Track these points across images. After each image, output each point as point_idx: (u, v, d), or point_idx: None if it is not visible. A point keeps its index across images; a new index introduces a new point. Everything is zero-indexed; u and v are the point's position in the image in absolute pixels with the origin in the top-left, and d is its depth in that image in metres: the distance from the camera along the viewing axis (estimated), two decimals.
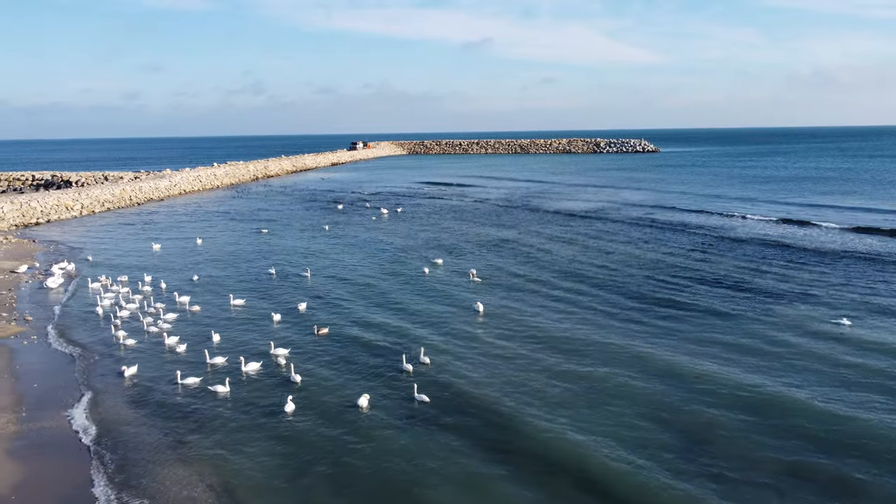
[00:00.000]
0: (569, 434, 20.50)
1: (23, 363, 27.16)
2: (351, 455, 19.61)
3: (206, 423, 21.64)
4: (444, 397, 23.52)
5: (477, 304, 33.72)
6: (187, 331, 31.33)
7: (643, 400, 22.85)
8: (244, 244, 55.17)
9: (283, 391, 24.08)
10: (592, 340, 28.85)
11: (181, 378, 25.09)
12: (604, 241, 53.91)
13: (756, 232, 57.40)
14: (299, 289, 39.20)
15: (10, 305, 35.98)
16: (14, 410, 22.42)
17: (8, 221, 67.69)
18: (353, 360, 27.44)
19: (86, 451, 19.86)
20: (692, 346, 27.98)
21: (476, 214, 72.61)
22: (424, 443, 20.25)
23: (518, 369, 25.86)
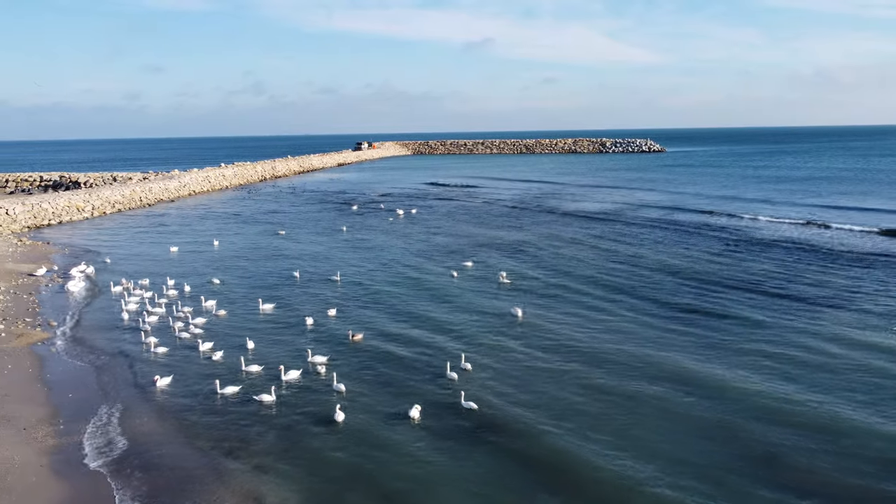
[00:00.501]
0: (616, 454, 19.64)
1: (53, 372, 26.34)
2: (410, 472, 18.77)
3: (252, 436, 20.81)
4: (492, 405, 22.71)
5: (515, 309, 32.87)
6: (217, 336, 30.52)
7: (689, 418, 21.63)
8: (262, 246, 54.35)
9: (327, 400, 23.28)
10: (631, 352, 27.75)
11: (221, 387, 24.26)
12: (627, 243, 53.07)
13: (781, 234, 56.57)
14: (326, 293, 38.38)
15: (32, 310, 35.17)
16: (51, 423, 21.60)
17: (20, 223, 66.91)
18: (392, 366, 26.64)
19: (128, 467, 19.01)
20: (735, 359, 26.66)
21: (492, 216, 71.80)
22: (478, 459, 19.37)
23: (561, 380, 24.95)
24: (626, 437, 20.33)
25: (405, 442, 20.37)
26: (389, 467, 18.97)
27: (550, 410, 22.38)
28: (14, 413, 22.08)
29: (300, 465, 19.05)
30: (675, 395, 23.31)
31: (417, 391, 24.18)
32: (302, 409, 22.81)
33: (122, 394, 24.29)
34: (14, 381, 25.06)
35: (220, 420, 22.02)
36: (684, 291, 37.19)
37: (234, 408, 22.97)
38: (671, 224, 62.99)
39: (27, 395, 23.78)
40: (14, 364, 26.80)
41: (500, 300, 35.98)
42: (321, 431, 21.05)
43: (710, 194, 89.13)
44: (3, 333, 30.76)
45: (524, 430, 20.96)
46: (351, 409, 22.31)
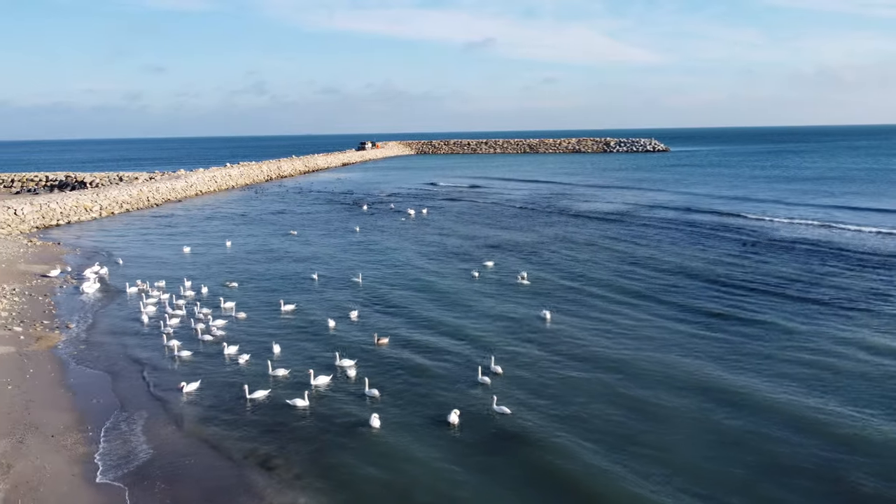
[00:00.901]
0: (645, 469, 19.04)
1: (76, 376, 25.74)
2: (449, 486, 18.17)
3: (287, 444, 20.20)
4: (524, 411, 22.12)
5: (544, 311, 32.25)
6: (240, 340, 29.92)
7: (718, 430, 20.68)
8: (275, 247, 53.73)
9: (360, 406, 22.71)
10: (659, 360, 26.93)
11: (249, 392, 23.65)
12: (643, 245, 52.44)
13: (798, 235, 55.96)
14: (346, 295, 37.78)
15: (49, 312, 34.57)
16: (79, 429, 21.00)
17: (29, 223, 66.32)
18: (421, 370, 26.05)
19: (159, 477, 18.40)
20: (762, 366, 25.61)
21: (504, 216, 71.18)
22: (514, 473, 18.71)
23: (591, 386, 24.31)
24: (656, 450, 19.51)
25: (443, 451, 19.76)
26: (430, 479, 18.36)
27: (580, 419, 21.61)
28: (40, 419, 21.48)
29: (339, 476, 18.44)
30: (703, 405, 22.41)
31: (450, 395, 23.60)
32: (335, 414, 22.21)
33: (148, 400, 23.68)
34: (37, 385, 24.46)
35: (251, 427, 21.41)
36: (706, 295, 36.42)
37: (265, 414, 22.36)
38: (686, 225, 62.38)
39: (52, 400, 23.19)
40: (35, 368, 26.20)
41: (523, 302, 35.38)
42: (358, 438, 20.44)
43: (721, 195, 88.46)
44: (22, 336, 30.17)
45: (557, 441, 20.20)
46: (385, 415, 21.70)
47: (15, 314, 33.61)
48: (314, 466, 18.84)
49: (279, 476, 18.39)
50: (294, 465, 18.93)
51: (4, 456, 18.80)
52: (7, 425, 20.92)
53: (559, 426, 21.11)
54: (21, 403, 22.70)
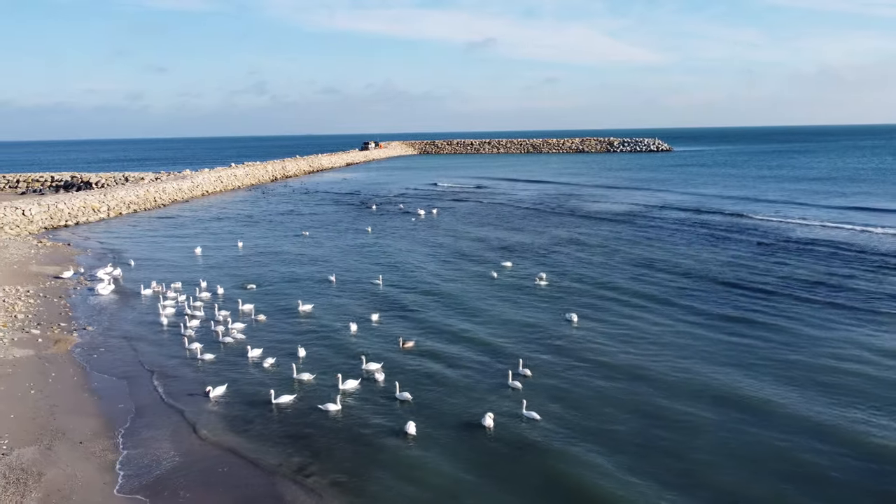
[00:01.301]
0: (674, 483, 18.60)
1: (99, 380, 25.27)
2: (493, 490, 17.72)
3: (321, 450, 19.73)
4: (553, 417, 21.66)
5: (570, 314, 31.76)
6: (262, 342, 29.44)
7: (749, 444, 19.92)
8: (289, 248, 53.28)
9: (391, 410, 22.27)
10: (687, 368, 26.48)
11: (275, 397, 23.18)
12: (659, 246, 51.95)
13: (816, 236, 55.42)
14: (365, 297, 37.31)
15: (65, 314, 34.11)
16: (108, 436, 20.54)
17: (37, 224, 65.87)
18: (450, 374, 25.60)
19: (192, 487, 17.94)
20: (791, 375, 24.76)
21: (515, 217, 70.70)
22: (551, 475, 18.33)
23: (621, 394, 23.84)
24: (682, 461, 18.99)
25: (480, 458, 19.32)
26: (469, 488, 17.91)
27: (610, 427, 21.07)
28: (67, 425, 21.03)
29: (377, 485, 17.97)
30: (729, 414, 21.62)
31: (480, 400, 23.18)
32: (367, 420, 21.74)
33: (175, 404, 23.21)
34: (60, 390, 24.01)
35: (282, 433, 20.94)
36: (727, 298, 35.67)
37: (294, 419, 21.90)
38: (699, 225, 61.89)
39: (76, 405, 22.73)
40: (57, 372, 25.74)
41: (546, 304, 34.92)
42: (394, 445, 19.98)
43: (731, 195, 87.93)
44: (41, 339, 29.71)
45: (586, 449, 19.72)
46: (419, 421, 21.21)
47: (31, 316, 33.17)
48: (351, 475, 18.37)
49: (315, 485, 17.92)
50: (330, 474, 18.46)
51: (35, 463, 18.34)
52: (34, 431, 20.47)
53: (589, 434, 20.63)
54: (46, 408, 22.25)
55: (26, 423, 21.04)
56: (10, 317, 32.62)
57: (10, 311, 33.67)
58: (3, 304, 34.61)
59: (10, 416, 21.37)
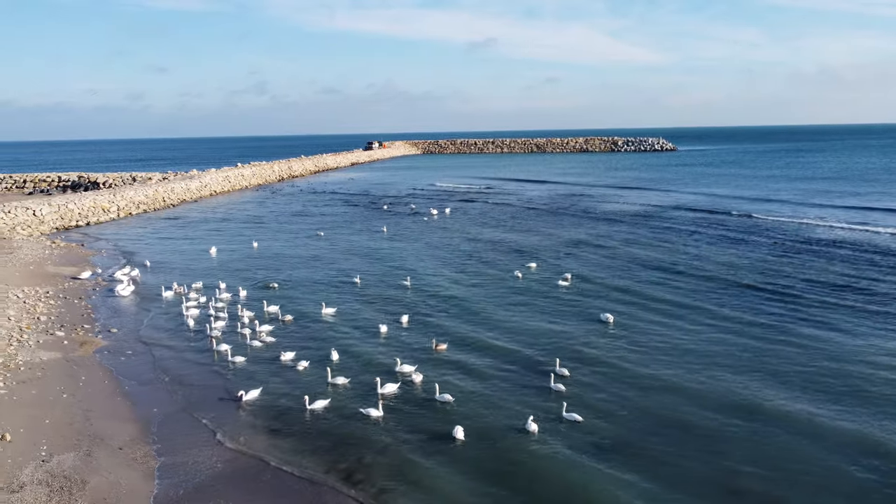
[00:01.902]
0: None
1: (131, 384, 24.77)
2: (552, 494, 17.23)
3: (365, 455, 19.22)
4: (596, 419, 21.16)
5: (606, 315, 31.24)
6: (291, 344, 28.93)
7: (793, 460, 19.29)
8: (305, 248, 52.78)
9: (434, 415, 21.78)
10: (720, 377, 26.23)
11: (311, 402, 22.67)
12: (680, 246, 51.40)
13: (837, 237, 54.91)
14: (390, 297, 36.78)
15: (87, 316, 33.62)
16: (146, 441, 20.03)
17: (48, 224, 65.37)
18: (486, 376, 25.14)
19: (239, 495, 17.44)
20: (840, 391, 23.89)
21: (527, 217, 70.16)
22: (601, 480, 17.85)
23: (662, 398, 23.40)
24: (724, 475, 18.48)
25: (529, 462, 18.83)
26: (522, 494, 17.42)
27: (650, 434, 20.53)
28: (104, 431, 20.52)
29: (428, 491, 17.46)
30: (766, 426, 20.81)
31: (520, 402, 22.74)
32: (410, 424, 21.24)
33: (210, 409, 22.69)
34: (92, 394, 23.51)
35: (323, 438, 20.43)
36: (758, 301, 34.82)
37: (334, 424, 21.39)
38: (718, 226, 61.37)
39: (110, 410, 22.23)
40: (87, 375, 25.24)
41: (575, 304, 34.42)
42: (440, 450, 19.48)
43: (745, 195, 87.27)
44: (66, 342, 29.22)
45: (630, 453, 19.34)
46: (461, 425, 20.68)
47: (54, 318, 32.68)
48: (401, 482, 17.87)
49: (365, 493, 17.41)
50: (377, 480, 17.97)
51: (76, 471, 17.84)
52: (71, 437, 19.97)
53: (629, 439, 20.16)
54: (80, 413, 21.75)
55: (63, 428, 20.54)
56: (33, 318, 32.13)
57: (32, 312, 33.19)
58: (24, 305, 34.14)
59: (45, 422, 20.88)
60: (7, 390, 23.21)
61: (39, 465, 18.06)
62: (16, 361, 26.06)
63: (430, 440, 20.11)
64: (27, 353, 27.10)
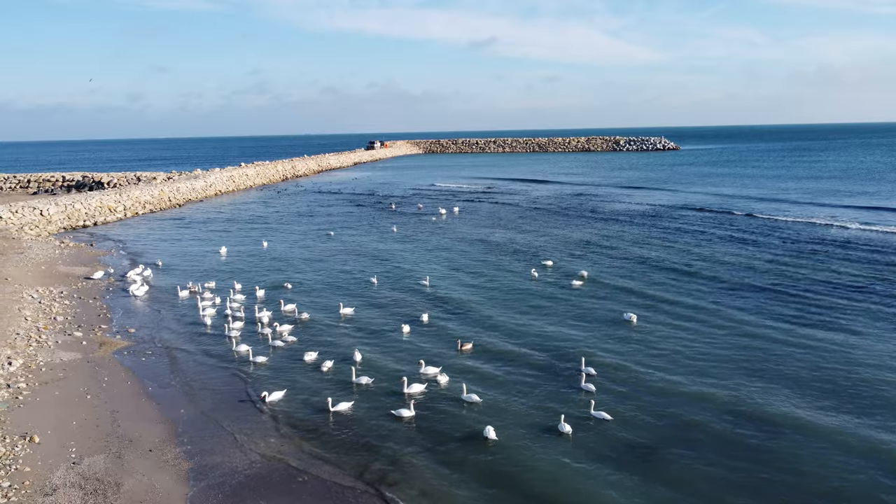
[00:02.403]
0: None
1: (154, 385, 24.48)
2: (588, 496, 16.97)
3: (399, 456, 18.96)
4: (625, 418, 20.90)
5: (629, 314, 30.96)
6: (310, 344, 28.64)
7: (824, 467, 19.21)
8: (316, 248, 52.49)
9: (463, 415, 21.52)
10: (740, 384, 26.09)
11: (335, 403, 22.39)
12: (694, 246, 51.16)
13: (853, 237, 54.58)
14: (407, 297, 36.50)
15: (104, 316, 33.34)
16: (175, 443, 19.76)
17: (55, 224, 65.08)
18: (513, 375, 24.90)
19: (278, 494, 17.17)
20: (875, 400, 23.92)
21: (538, 215, 69.89)
22: (638, 480, 17.60)
23: (690, 398, 23.18)
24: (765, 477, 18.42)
25: (565, 462, 18.58)
26: (562, 496, 17.17)
27: (682, 433, 20.43)
28: (132, 432, 20.24)
29: (468, 492, 17.21)
30: (795, 435, 20.61)
31: (548, 400, 22.57)
32: (441, 425, 21.00)
33: (236, 410, 22.42)
34: (116, 395, 23.23)
35: (353, 440, 20.17)
36: (779, 301, 34.86)
37: (365, 425, 21.11)
38: (730, 226, 61.13)
39: (136, 411, 21.95)
40: (109, 376, 24.96)
41: (594, 303, 34.15)
42: (475, 451, 19.23)
43: (753, 195, 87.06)
44: (84, 342, 28.94)
45: (665, 453, 19.11)
46: (493, 425, 20.42)
47: (71, 318, 32.40)
48: (438, 484, 17.61)
49: (402, 495, 17.15)
50: (416, 481, 17.72)
51: (108, 473, 17.57)
52: (99, 438, 19.69)
53: (662, 438, 19.92)
54: (106, 414, 21.48)
55: (90, 429, 20.27)
56: (49, 319, 31.84)
57: (48, 312, 32.91)
58: (40, 305, 33.85)
59: (72, 423, 20.60)
60: (30, 391, 22.94)
61: (70, 468, 17.79)
62: (36, 362, 25.78)
63: (462, 441, 19.86)
64: (47, 354, 26.83)
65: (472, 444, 19.61)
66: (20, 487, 16.58)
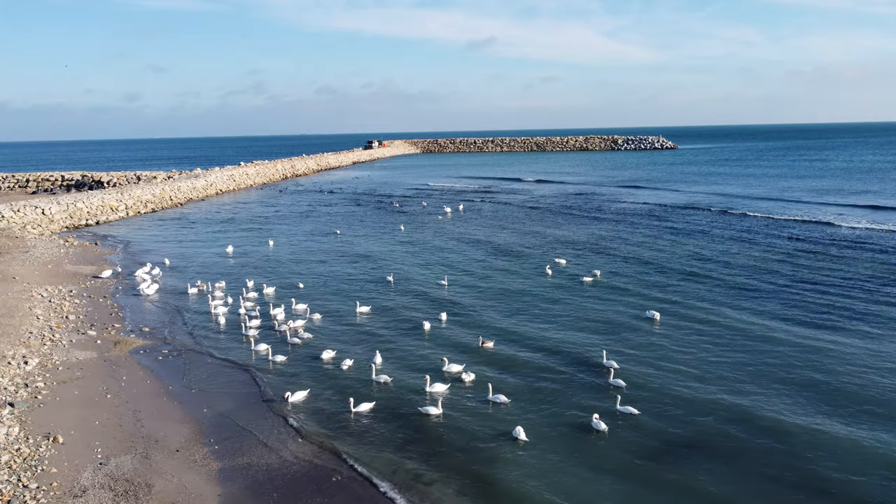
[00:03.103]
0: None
1: (174, 384, 24.08)
2: (625, 494, 16.67)
3: (430, 457, 18.61)
4: (652, 412, 20.61)
5: (651, 312, 30.63)
6: (328, 343, 28.27)
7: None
8: (323, 246, 52.10)
9: (490, 414, 21.19)
10: (775, 373, 25.83)
11: (360, 401, 22.06)
12: (707, 241, 50.94)
13: (864, 238, 54.55)
14: (423, 296, 36.14)
15: (116, 315, 32.92)
16: (202, 442, 19.38)
17: (58, 223, 64.53)
18: (537, 373, 24.59)
19: (313, 494, 16.81)
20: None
21: (540, 214, 69.56)
22: (675, 477, 17.31)
23: (724, 393, 22.93)
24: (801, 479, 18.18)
25: (600, 462, 18.27)
26: (600, 496, 16.86)
27: (709, 432, 20.15)
28: (157, 432, 19.85)
29: (505, 492, 16.87)
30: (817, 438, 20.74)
31: (575, 398, 22.30)
32: (468, 424, 20.65)
33: (259, 409, 22.06)
34: (137, 394, 22.83)
35: (383, 438, 19.82)
36: (794, 301, 34.80)
37: (391, 424, 20.75)
38: (739, 224, 60.95)
39: (158, 410, 21.56)
40: (127, 375, 24.57)
41: (610, 301, 33.85)
42: (506, 451, 18.88)
43: (757, 194, 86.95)
44: (99, 341, 28.52)
45: (700, 454, 18.83)
46: (523, 424, 20.09)
47: (83, 317, 31.97)
48: (473, 482, 17.28)
49: (439, 494, 16.81)
50: (452, 481, 17.37)
51: (137, 474, 17.18)
52: (124, 438, 19.31)
53: (699, 436, 19.62)
54: (129, 414, 21.08)
55: (113, 429, 19.87)
56: (61, 318, 31.42)
57: (59, 311, 32.48)
58: (50, 304, 33.42)
59: (94, 423, 20.21)
60: (49, 391, 22.54)
61: (98, 468, 17.40)
62: (53, 361, 25.37)
63: (493, 441, 19.52)
64: (62, 353, 26.42)
65: (503, 444, 19.27)
66: (48, 489, 16.19)
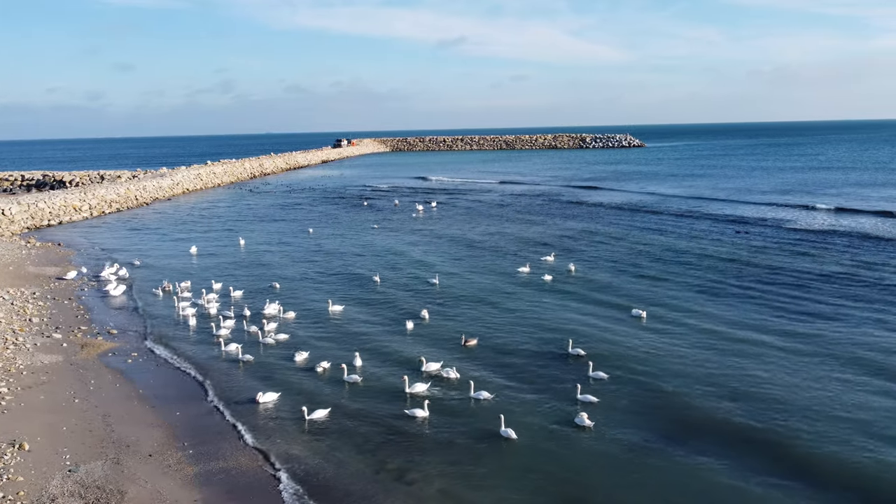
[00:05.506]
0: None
1: (144, 387, 23.35)
2: (616, 491, 16.49)
3: (414, 454, 18.23)
4: (649, 410, 20.53)
5: (638, 311, 30.33)
6: (302, 345, 27.63)
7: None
8: (295, 245, 51.34)
9: (474, 412, 20.86)
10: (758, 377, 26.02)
11: (333, 403, 21.61)
12: (683, 236, 51.29)
13: (831, 228, 55.44)
14: (410, 295, 35.57)
15: (82, 317, 31.94)
16: (175, 447, 18.74)
17: (18, 224, 62.72)
18: (520, 371, 24.33)
19: (299, 499, 16.35)
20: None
21: (516, 210, 69.48)
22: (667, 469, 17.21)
23: (711, 386, 22.96)
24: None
25: (588, 455, 18.08)
26: (588, 492, 16.67)
27: (702, 426, 20.18)
28: (128, 437, 19.17)
29: (491, 489, 16.58)
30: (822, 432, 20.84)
31: (563, 396, 21.98)
32: (453, 423, 20.27)
33: (233, 411, 21.45)
34: (107, 398, 22.08)
35: (364, 439, 19.36)
36: (776, 286, 35.29)
37: (371, 425, 20.30)
38: (708, 215, 61.55)
39: (129, 415, 20.85)
40: (96, 379, 23.77)
41: (592, 297, 33.78)
42: (491, 447, 18.59)
43: (728, 188, 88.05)
44: (65, 344, 27.61)
45: (693, 447, 18.79)
46: (507, 420, 19.80)
47: (47, 320, 30.96)
48: (457, 480, 16.96)
49: (421, 493, 16.46)
50: (434, 479, 17.03)
51: (109, 480, 16.52)
52: (94, 444, 18.60)
53: (688, 432, 19.58)
54: (98, 418, 20.35)
55: (83, 435, 19.14)
56: (24, 321, 30.39)
57: (21, 314, 31.43)
58: (12, 307, 32.31)
59: (62, 428, 19.45)
60: (13, 396, 21.68)
61: (67, 476, 16.70)
62: (16, 366, 24.46)
63: (475, 438, 19.21)
64: (26, 357, 25.49)
65: (487, 441, 18.98)
66: (15, 498, 15.48)
